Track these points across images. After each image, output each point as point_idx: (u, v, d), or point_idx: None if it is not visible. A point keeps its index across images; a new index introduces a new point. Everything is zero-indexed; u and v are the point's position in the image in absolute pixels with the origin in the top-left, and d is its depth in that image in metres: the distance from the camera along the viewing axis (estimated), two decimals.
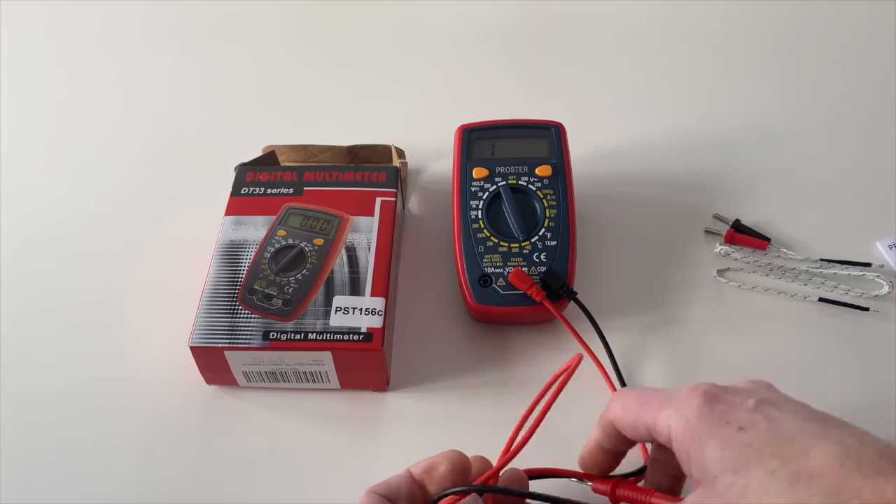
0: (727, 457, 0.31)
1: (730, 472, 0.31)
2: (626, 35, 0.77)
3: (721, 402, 0.33)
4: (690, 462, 0.33)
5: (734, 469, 0.31)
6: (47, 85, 0.75)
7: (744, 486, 0.30)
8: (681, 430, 0.33)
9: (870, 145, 0.65)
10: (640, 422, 0.36)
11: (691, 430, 0.33)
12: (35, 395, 0.51)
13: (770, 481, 0.29)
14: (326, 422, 0.50)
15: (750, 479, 0.30)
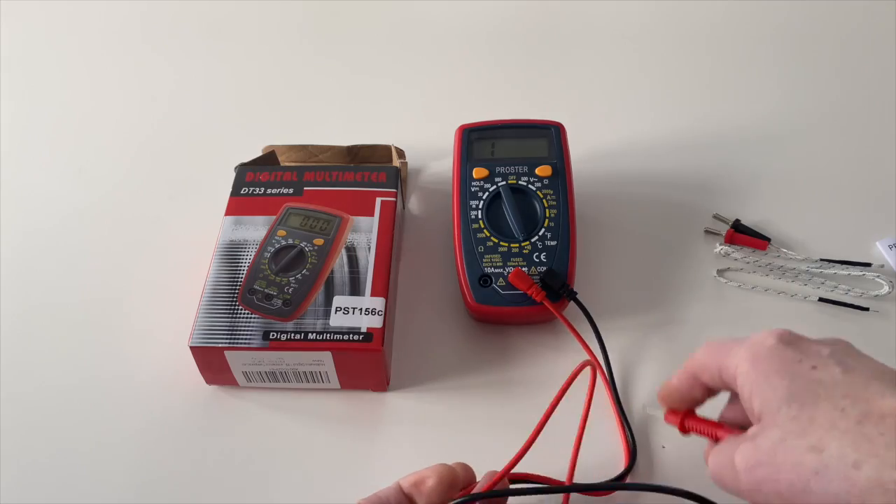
0: (795, 390, 0.31)
1: (796, 404, 0.31)
2: (626, 35, 0.77)
3: (795, 346, 0.33)
4: (753, 397, 0.33)
5: (801, 402, 0.31)
6: (47, 85, 0.75)
7: (809, 419, 0.30)
8: (748, 365, 0.33)
9: (870, 145, 0.65)
10: (713, 363, 0.36)
11: (760, 364, 0.33)
12: (35, 395, 0.51)
13: (838, 417, 0.29)
14: (326, 422, 0.50)
15: (817, 413, 0.30)
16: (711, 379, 0.37)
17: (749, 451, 0.32)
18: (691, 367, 0.38)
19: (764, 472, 0.31)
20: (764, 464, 0.31)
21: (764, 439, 0.31)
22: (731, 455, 0.33)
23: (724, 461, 0.34)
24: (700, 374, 0.37)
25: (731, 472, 0.33)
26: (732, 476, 0.33)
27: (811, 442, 0.30)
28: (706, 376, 0.37)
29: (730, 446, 0.34)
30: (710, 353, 0.36)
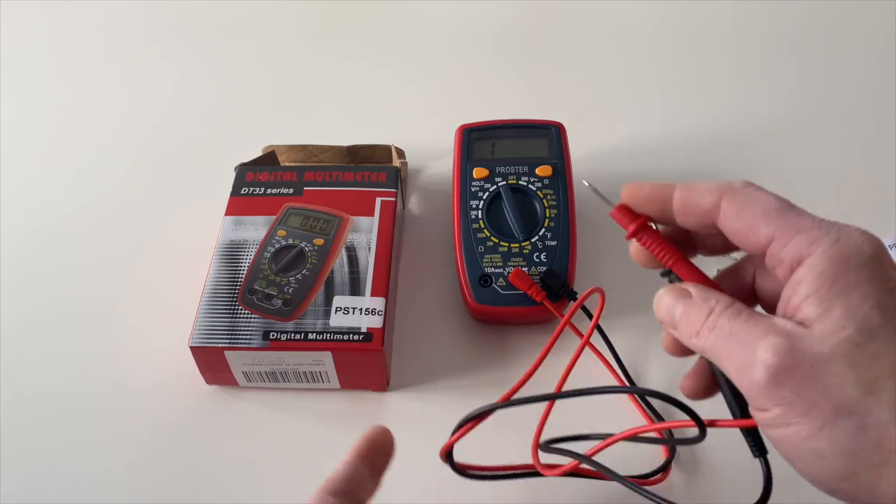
0: (872, 318, 0.26)
1: (866, 332, 0.26)
2: (626, 35, 0.77)
3: (889, 267, 0.28)
4: (814, 298, 0.28)
5: (872, 334, 0.26)
6: (47, 85, 0.75)
7: (874, 355, 0.26)
8: (829, 264, 0.28)
9: (870, 145, 0.65)
10: (760, 229, 0.30)
11: (848, 271, 0.27)
12: (35, 395, 0.51)
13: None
14: (326, 422, 0.50)
15: (885, 353, 0.26)
16: (742, 239, 0.31)
17: (785, 348, 0.27)
18: (708, 209, 0.32)
19: (792, 383, 0.27)
20: (796, 373, 0.27)
21: (810, 345, 0.27)
22: (752, 338, 0.28)
23: (728, 332, 0.29)
24: (729, 230, 0.31)
25: (742, 356, 0.28)
26: (743, 361, 0.28)
27: (865, 378, 0.26)
28: (736, 236, 0.31)
29: (746, 324, 0.29)
30: (761, 215, 0.30)
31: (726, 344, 0.30)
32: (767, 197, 0.31)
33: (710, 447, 0.47)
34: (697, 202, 0.32)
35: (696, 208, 0.32)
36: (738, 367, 0.29)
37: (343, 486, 0.35)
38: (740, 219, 0.31)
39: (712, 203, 0.32)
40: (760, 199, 0.31)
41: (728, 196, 0.31)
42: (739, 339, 0.29)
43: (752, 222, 0.30)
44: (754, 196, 0.31)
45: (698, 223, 0.33)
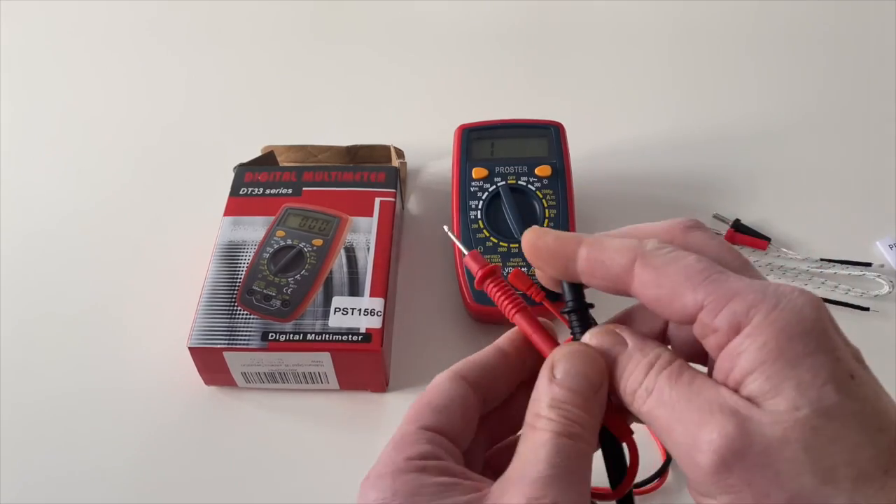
0: (825, 394, 0.24)
1: (822, 413, 0.23)
2: (626, 35, 0.77)
3: (834, 335, 0.25)
4: (761, 372, 0.24)
5: (828, 414, 0.24)
6: (47, 86, 0.75)
7: (831, 439, 0.23)
8: (774, 333, 0.24)
9: (870, 145, 0.65)
10: (685, 296, 0.26)
11: (793, 340, 0.24)
12: (35, 395, 0.51)
13: (867, 452, 0.24)
14: (326, 422, 0.49)
15: (843, 434, 0.23)
16: (660, 307, 0.27)
17: (734, 430, 0.24)
18: (607, 274, 0.28)
19: (741, 470, 0.24)
20: (746, 458, 0.24)
21: (761, 427, 0.24)
22: (695, 412, 0.25)
23: (668, 400, 0.26)
24: (643, 296, 0.27)
25: (685, 433, 0.25)
26: (686, 439, 0.25)
27: (822, 465, 0.23)
28: (654, 304, 0.27)
29: (689, 392, 0.26)
30: (683, 280, 0.26)
31: (665, 414, 0.26)
32: (688, 258, 0.27)
33: None
34: (607, 265, 0.28)
35: (606, 272, 0.28)
36: (679, 444, 0.25)
37: (470, 371, 0.30)
38: (660, 285, 0.27)
39: (623, 266, 0.27)
40: (680, 262, 0.26)
41: (642, 260, 0.27)
42: (681, 411, 0.25)
43: (674, 288, 0.26)
44: (673, 258, 0.27)
45: (610, 288, 0.29)
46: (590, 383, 0.27)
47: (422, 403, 0.29)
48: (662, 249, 0.27)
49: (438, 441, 0.27)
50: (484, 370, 0.30)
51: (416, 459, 0.26)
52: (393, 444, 0.27)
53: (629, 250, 0.27)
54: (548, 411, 0.27)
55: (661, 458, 0.46)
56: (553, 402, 0.27)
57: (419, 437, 0.27)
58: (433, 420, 0.28)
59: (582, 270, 0.29)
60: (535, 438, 0.26)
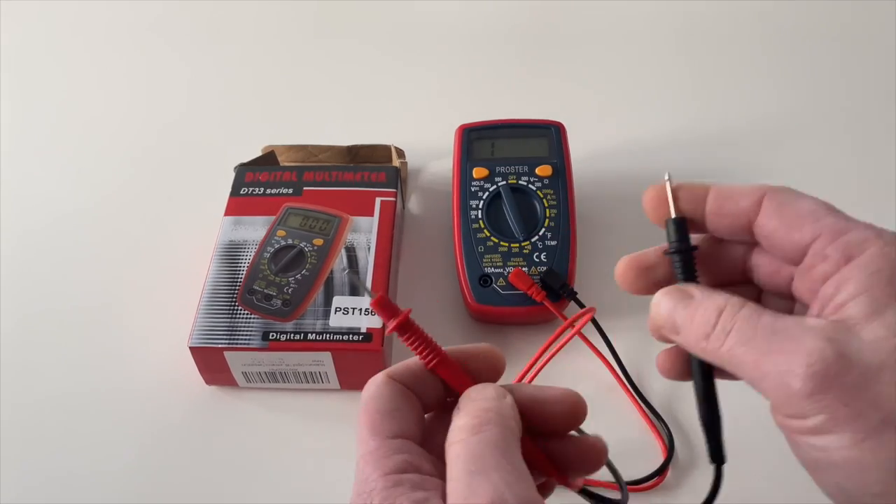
0: None
1: None
2: (626, 35, 0.77)
3: None
4: (864, 298, 0.26)
5: None
6: (46, 85, 0.75)
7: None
8: (883, 263, 0.26)
9: (870, 145, 0.65)
10: (804, 226, 0.28)
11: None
12: (35, 395, 0.51)
13: None
14: (326, 422, 0.49)
15: None
16: (775, 244, 0.29)
17: (831, 353, 0.25)
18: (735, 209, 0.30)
19: (837, 391, 0.25)
20: (843, 380, 0.25)
21: (859, 351, 0.25)
22: (785, 342, 0.26)
23: (750, 336, 0.27)
24: (764, 232, 0.30)
25: (773, 362, 0.26)
26: (774, 367, 0.26)
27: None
28: (767, 239, 0.30)
29: (773, 326, 0.27)
30: (812, 212, 0.28)
31: (750, 352, 0.27)
32: (811, 199, 0.29)
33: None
34: (736, 199, 0.30)
35: (734, 207, 0.30)
36: (767, 374, 0.27)
37: (401, 376, 0.30)
38: (782, 215, 0.29)
39: (752, 202, 0.30)
40: (804, 199, 0.29)
41: (770, 194, 0.30)
42: (769, 343, 0.27)
43: (795, 220, 0.29)
44: (798, 196, 0.30)
45: (732, 225, 0.31)
46: (493, 397, 0.28)
47: (373, 412, 0.28)
48: (789, 190, 0.30)
49: (406, 447, 0.28)
50: (414, 375, 0.31)
51: (392, 474, 0.26)
52: (365, 462, 0.27)
53: (758, 188, 0.30)
54: (456, 433, 0.27)
55: (662, 456, 0.46)
56: (457, 429, 0.27)
57: (388, 449, 0.27)
58: (392, 427, 0.28)
59: (710, 210, 0.31)
60: (450, 459, 0.26)
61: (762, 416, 0.29)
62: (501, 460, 0.25)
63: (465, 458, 0.26)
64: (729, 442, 0.32)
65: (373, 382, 0.30)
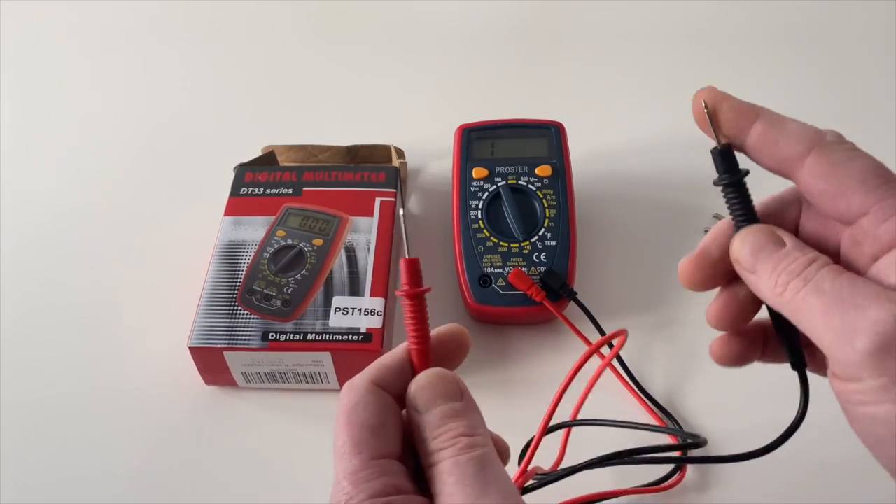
0: None
1: None
2: (626, 35, 0.77)
3: None
4: None
5: None
6: (46, 84, 0.75)
7: None
8: None
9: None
10: (854, 197, 0.27)
11: None
12: (34, 395, 0.51)
13: None
14: (326, 422, 0.49)
15: None
16: (829, 207, 0.28)
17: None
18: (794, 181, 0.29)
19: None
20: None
21: None
22: (859, 300, 0.26)
23: (828, 289, 0.26)
24: (814, 194, 0.28)
25: (842, 319, 0.26)
26: (842, 325, 0.26)
27: None
28: (821, 199, 0.28)
29: (852, 285, 0.26)
30: (863, 180, 0.27)
31: (822, 302, 0.26)
32: (865, 160, 0.28)
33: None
34: (781, 145, 0.28)
35: (778, 152, 0.29)
36: (832, 330, 0.26)
37: (384, 380, 0.29)
38: (830, 180, 0.27)
39: (798, 153, 0.28)
40: (857, 162, 0.27)
41: (820, 150, 0.28)
42: (841, 299, 0.26)
43: (844, 187, 0.27)
44: (851, 156, 0.28)
45: (773, 168, 0.29)
46: (452, 397, 0.28)
47: (356, 427, 0.27)
48: (842, 145, 0.28)
49: (392, 468, 0.27)
50: (393, 375, 0.29)
51: (379, 497, 0.26)
52: (349, 481, 0.26)
53: (808, 138, 0.28)
54: (433, 444, 0.27)
55: (677, 453, 0.46)
56: (431, 434, 0.27)
57: (373, 470, 0.26)
58: (378, 445, 0.27)
59: (752, 145, 0.29)
60: (438, 473, 0.26)
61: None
62: (496, 474, 0.26)
63: (459, 474, 0.26)
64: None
65: (354, 389, 0.28)
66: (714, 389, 0.49)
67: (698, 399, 0.49)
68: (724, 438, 0.47)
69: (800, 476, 0.44)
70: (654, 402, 0.49)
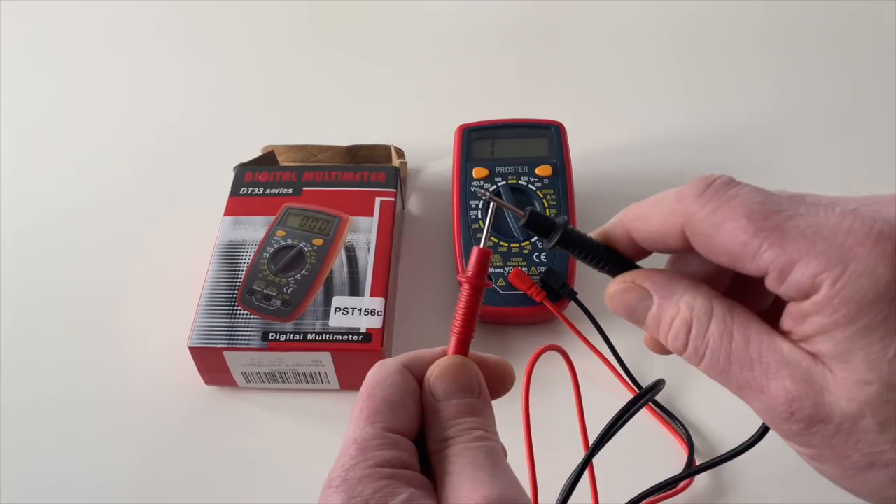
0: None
1: (893, 388, 0.24)
2: (626, 35, 0.77)
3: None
4: (826, 338, 0.24)
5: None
6: (47, 84, 0.75)
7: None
8: (839, 304, 0.23)
9: (870, 144, 0.65)
10: (746, 265, 0.25)
11: (857, 309, 0.23)
12: (34, 395, 0.51)
13: None
14: (326, 422, 0.49)
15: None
16: (716, 254, 0.26)
17: (810, 402, 0.24)
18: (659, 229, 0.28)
19: (822, 435, 0.25)
20: (827, 426, 0.24)
21: (837, 400, 0.24)
22: (762, 376, 0.25)
23: (725, 364, 0.26)
24: (704, 247, 0.26)
25: (755, 396, 0.25)
26: (759, 401, 0.25)
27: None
28: (707, 249, 0.26)
29: (746, 352, 0.25)
30: (741, 235, 0.25)
31: (726, 379, 0.26)
32: (735, 218, 0.25)
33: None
34: (657, 232, 0.28)
35: (657, 240, 0.28)
36: (751, 404, 0.26)
37: (414, 367, 0.29)
38: (714, 253, 0.26)
39: (671, 234, 0.28)
40: (726, 225, 0.25)
41: (689, 230, 0.27)
42: (744, 376, 0.25)
43: (730, 257, 0.26)
44: (718, 220, 0.26)
45: (664, 245, 0.28)
46: (471, 391, 0.28)
47: (378, 399, 0.27)
48: (703, 212, 0.26)
49: (403, 444, 0.27)
50: (426, 365, 0.29)
51: (385, 467, 0.25)
52: (357, 447, 0.26)
53: (671, 215, 0.27)
54: (446, 432, 0.27)
55: (684, 452, 0.46)
56: (445, 423, 0.27)
57: (385, 440, 0.26)
58: (394, 420, 0.27)
59: (632, 235, 0.29)
60: (449, 455, 0.26)
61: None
62: (505, 466, 0.26)
63: (471, 457, 0.26)
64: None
65: (384, 367, 0.28)
66: (714, 389, 0.49)
67: (699, 399, 0.49)
68: (724, 438, 0.47)
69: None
70: (659, 406, 0.49)
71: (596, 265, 0.30)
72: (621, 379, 0.49)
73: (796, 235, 0.25)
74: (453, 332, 0.29)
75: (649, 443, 0.47)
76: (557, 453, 0.43)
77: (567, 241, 0.29)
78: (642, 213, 0.29)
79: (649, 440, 0.47)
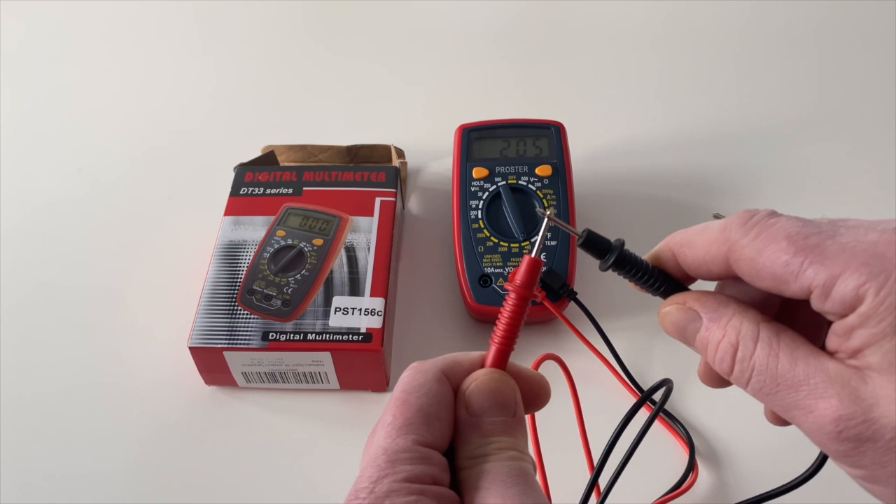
0: None
1: None
2: (626, 35, 0.77)
3: None
4: (875, 349, 0.24)
5: None
6: (46, 84, 0.75)
7: None
8: (885, 313, 0.23)
9: (871, 144, 0.65)
10: (790, 286, 0.25)
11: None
12: (34, 395, 0.51)
13: None
14: (326, 422, 0.49)
15: None
16: (763, 282, 0.26)
17: (859, 420, 0.24)
18: (705, 257, 0.28)
19: (873, 454, 0.24)
20: (877, 444, 0.24)
21: (886, 415, 0.23)
22: (810, 397, 0.24)
23: (773, 384, 0.25)
24: (746, 273, 0.26)
25: (804, 414, 0.25)
26: (807, 421, 0.25)
27: None
28: (754, 278, 0.26)
29: (793, 371, 0.25)
30: (783, 255, 0.25)
31: (773, 401, 0.26)
32: (777, 242, 0.25)
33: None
34: (701, 259, 0.28)
35: (701, 266, 0.28)
36: (800, 425, 0.25)
37: (452, 374, 0.28)
38: (759, 277, 0.26)
39: (720, 263, 0.27)
40: (770, 249, 0.25)
41: (733, 257, 0.27)
42: (791, 399, 0.25)
43: (774, 281, 0.26)
44: (761, 245, 0.26)
45: (711, 272, 0.28)
46: (508, 410, 0.27)
47: (412, 408, 0.26)
48: (748, 239, 0.26)
49: (435, 459, 0.26)
50: (464, 372, 0.28)
51: (414, 482, 0.25)
52: (387, 458, 0.25)
53: (717, 244, 0.27)
54: (479, 449, 0.26)
55: (686, 453, 0.46)
56: (479, 440, 0.27)
57: (416, 454, 0.25)
58: (427, 433, 0.26)
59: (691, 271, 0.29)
60: (481, 472, 0.26)
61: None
62: (538, 488, 0.26)
63: (502, 476, 0.25)
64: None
65: (422, 372, 0.27)
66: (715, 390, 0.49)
67: (699, 399, 0.49)
68: (726, 438, 0.47)
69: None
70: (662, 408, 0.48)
71: (649, 287, 0.30)
72: (620, 379, 0.50)
73: (837, 251, 0.24)
74: (493, 342, 0.28)
75: (649, 443, 0.47)
76: (564, 458, 0.44)
77: (622, 262, 0.29)
78: (688, 239, 0.29)
79: (649, 440, 0.47)
